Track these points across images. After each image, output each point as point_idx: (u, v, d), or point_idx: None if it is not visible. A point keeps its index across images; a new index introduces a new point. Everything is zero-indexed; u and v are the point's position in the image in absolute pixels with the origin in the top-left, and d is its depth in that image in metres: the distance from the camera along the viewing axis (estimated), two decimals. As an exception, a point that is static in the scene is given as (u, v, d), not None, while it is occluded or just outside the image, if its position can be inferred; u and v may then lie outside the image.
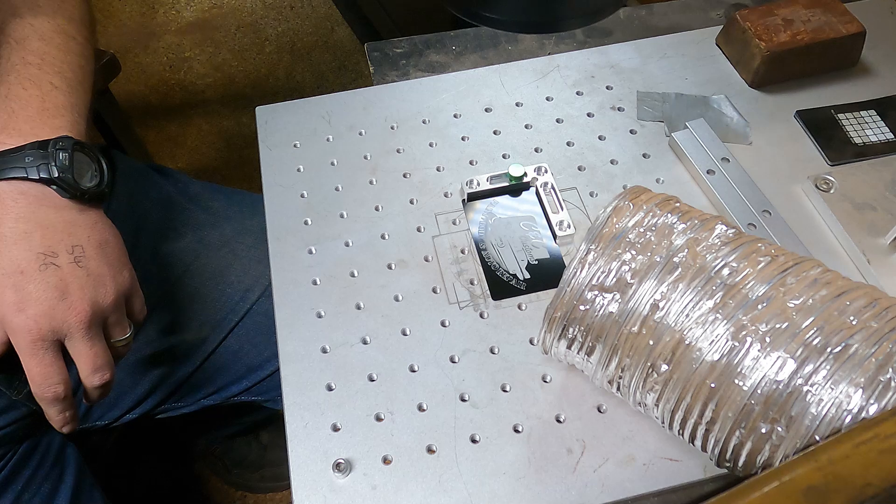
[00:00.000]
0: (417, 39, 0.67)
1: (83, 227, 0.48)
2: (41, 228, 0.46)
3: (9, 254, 0.45)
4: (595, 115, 0.60)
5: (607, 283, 0.37)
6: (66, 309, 0.44)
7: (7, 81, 0.49)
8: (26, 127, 0.48)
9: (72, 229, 0.47)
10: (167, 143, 1.54)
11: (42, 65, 0.51)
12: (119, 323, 0.48)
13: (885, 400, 0.31)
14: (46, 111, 0.49)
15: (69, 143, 0.48)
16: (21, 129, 0.48)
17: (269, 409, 0.72)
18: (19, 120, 0.48)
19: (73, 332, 0.45)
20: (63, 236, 0.46)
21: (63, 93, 0.51)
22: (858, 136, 0.57)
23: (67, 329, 0.45)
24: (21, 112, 0.49)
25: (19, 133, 0.48)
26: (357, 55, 1.67)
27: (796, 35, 0.59)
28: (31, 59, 0.50)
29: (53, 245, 0.46)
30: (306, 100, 0.61)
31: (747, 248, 0.37)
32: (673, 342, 0.36)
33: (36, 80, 0.50)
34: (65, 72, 0.51)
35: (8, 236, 0.45)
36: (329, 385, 0.46)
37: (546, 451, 0.43)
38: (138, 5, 1.76)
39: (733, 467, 0.36)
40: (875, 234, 0.51)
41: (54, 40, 0.52)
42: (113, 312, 0.47)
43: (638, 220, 0.38)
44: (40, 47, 0.51)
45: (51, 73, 0.51)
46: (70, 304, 0.45)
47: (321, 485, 0.42)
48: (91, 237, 0.48)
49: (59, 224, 0.47)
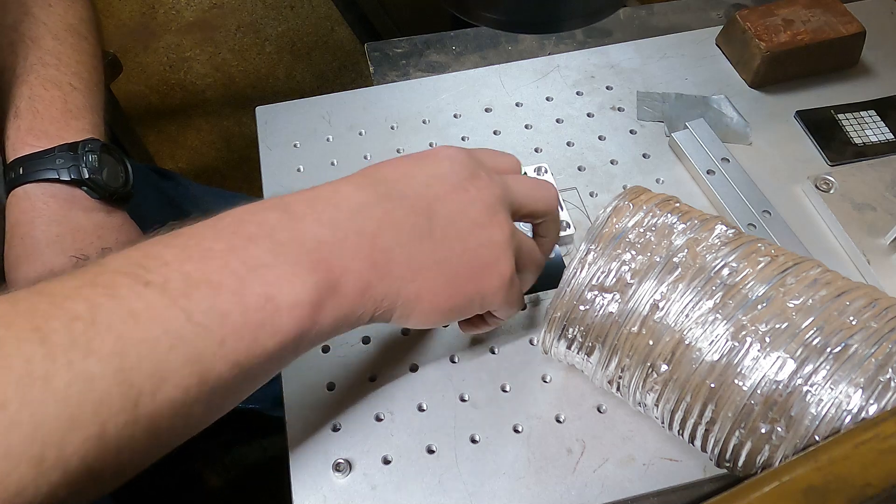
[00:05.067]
0: (417, 39, 0.67)
1: (111, 230, 0.48)
2: (73, 231, 0.46)
3: (41, 257, 0.45)
4: (595, 115, 0.60)
5: (607, 283, 0.37)
6: None
7: (28, 81, 0.49)
8: (52, 128, 0.48)
9: (101, 232, 0.47)
10: (167, 143, 1.54)
11: (59, 65, 0.51)
12: None
13: (885, 400, 0.31)
14: (69, 112, 0.49)
15: (97, 145, 0.48)
16: (47, 130, 0.48)
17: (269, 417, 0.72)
18: (44, 121, 0.48)
19: None
20: (93, 239, 0.46)
21: (82, 94, 0.51)
22: (858, 136, 0.57)
23: None
24: (45, 113, 0.49)
25: (45, 135, 0.48)
26: (357, 55, 1.67)
27: (796, 35, 0.59)
28: (48, 60, 0.50)
29: (84, 248, 0.46)
30: (306, 100, 0.61)
31: (747, 248, 0.37)
32: (673, 342, 0.36)
33: (56, 80, 0.50)
34: (81, 72, 0.51)
35: (41, 239, 0.45)
36: (329, 385, 0.46)
37: (546, 451, 0.43)
38: (138, 5, 1.76)
39: (733, 467, 0.36)
40: (875, 234, 0.51)
41: (68, 40, 0.52)
42: None
43: (638, 220, 0.38)
44: (55, 47, 0.51)
45: (68, 73, 0.51)
46: None
47: (321, 485, 0.42)
48: (119, 239, 0.48)
49: (90, 227, 0.47)
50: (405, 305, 0.35)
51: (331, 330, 0.33)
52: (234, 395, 0.32)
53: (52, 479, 0.25)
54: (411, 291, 0.35)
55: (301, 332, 0.31)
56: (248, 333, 0.30)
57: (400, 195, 0.35)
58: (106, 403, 0.26)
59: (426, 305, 0.35)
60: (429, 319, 0.36)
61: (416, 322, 0.36)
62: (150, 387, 0.27)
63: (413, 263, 0.35)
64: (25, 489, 0.24)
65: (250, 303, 0.30)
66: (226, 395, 0.31)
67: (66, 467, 0.25)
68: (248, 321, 0.30)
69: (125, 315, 0.28)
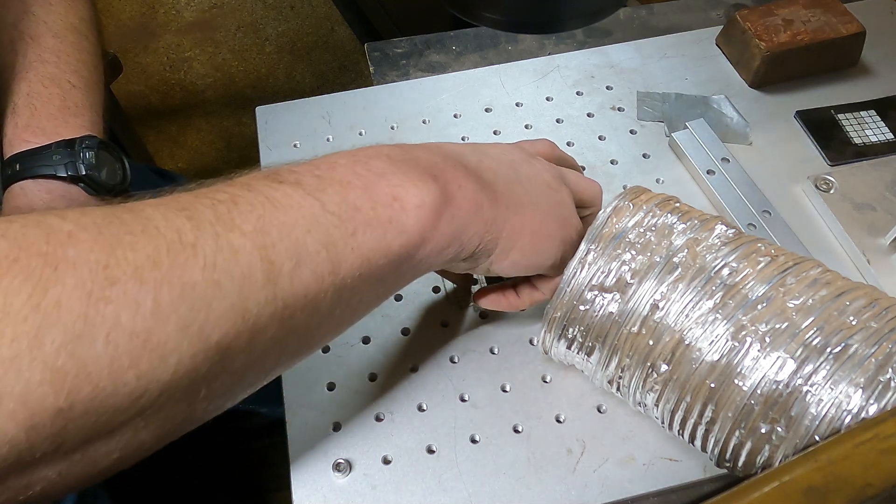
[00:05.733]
0: (417, 39, 0.67)
1: None
2: None
3: None
4: (595, 115, 0.60)
5: (607, 283, 0.37)
6: None
7: (27, 78, 0.49)
8: (49, 125, 0.48)
9: None
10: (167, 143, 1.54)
11: (59, 63, 0.51)
12: None
13: (885, 400, 0.31)
14: (68, 109, 0.49)
15: (94, 141, 0.48)
16: (44, 127, 0.48)
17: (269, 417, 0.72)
18: (42, 118, 0.48)
19: None
20: None
21: (81, 92, 0.51)
22: (858, 136, 0.57)
23: None
24: (43, 110, 0.49)
25: (43, 132, 0.48)
26: (357, 55, 1.67)
27: (796, 35, 0.59)
28: (48, 57, 0.50)
29: None
30: (306, 100, 0.61)
31: (747, 248, 0.37)
32: (673, 342, 0.36)
33: (55, 78, 0.50)
34: (80, 70, 0.51)
35: None
36: (329, 385, 0.46)
37: (546, 451, 0.43)
38: (138, 5, 1.76)
39: (733, 467, 0.36)
40: (875, 234, 0.51)
41: (68, 38, 0.52)
42: None
43: (638, 220, 0.38)
44: (55, 45, 0.51)
45: (67, 71, 0.51)
46: None
47: (321, 485, 0.42)
48: None
49: None
50: (509, 238, 0.36)
51: (444, 245, 0.34)
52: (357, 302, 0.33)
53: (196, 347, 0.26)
54: (516, 223, 0.36)
55: (422, 237, 0.32)
56: (377, 227, 0.31)
57: (485, 154, 0.38)
58: (249, 277, 0.27)
59: (527, 241, 0.37)
60: (525, 258, 0.38)
61: (515, 259, 0.37)
62: (288, 267, 0.28)
63: (514, 198, 0.37)
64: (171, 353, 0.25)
65: (379, 199, 0.32)
66: (350, 300, 0.32)
67: (207, 338, 0.26)
68: (378, 216, 0.31)
69: (264, 200, 0.29)
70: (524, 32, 0.65)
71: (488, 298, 0.44)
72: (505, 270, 0.38)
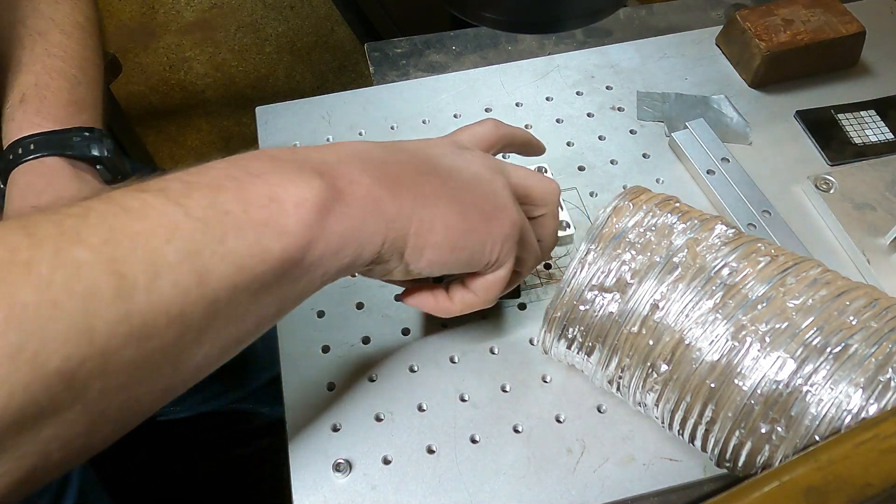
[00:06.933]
0: (417, 39, 0.67)
1: None
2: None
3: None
4: (595, 115, 0.60)
5: (607, 283, 0.37)
6: None
7: (34, 71, 0.49)
8: (62, 114, 0.49)
9: None
10: (167, 143, 1.54)
11: (65, 58, 0.51)
12: None
13: (885, 400, 0.31)
14: (75, 104, 0.50)
15: (107, 134, 0.49)
16: (57, 115, 0.48)
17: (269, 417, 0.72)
18: (53, 107, 0.49)
19: None
20: None
21: (85, 87, 0.51)
22: (858, 136, 0.57)
23: None
24: (53, 99, 0.49)
25: (56, 119, 0.48)
26: (357, 55, 1.67)
27: (796, 35, 0.59)
28: (55, 52, 0.51)
29: None
30: (306, 100, 0.61)
31: (747, 248, 0.37)
32: (673, 342, 0.36)
33: (62, 71, 0.50)
34: (86, 68, 0.52)
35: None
36: (329, 385, 0.46)
37: (546, 451, 0.43)
38: (138, 5, 1.76)
39: (733, 467, 0.36)
40: (875, 234, 0.51)
41: (74, 34, 0.53)
42: None
43: (638, 220, 0.38)
44: (62, 41, 0.52)
45: (74, 67, 0.51)
46: None
47: (321, 485, 0.42)
48: None
49: None
50: (418, 234, 0.33)
51: (338, 246, 0.31)
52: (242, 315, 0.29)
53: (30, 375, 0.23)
54: (425, 217, 0.33)
55: (308, 238, 0.30)
56: (250, 231, 0.28)
57: (399, 149, 0.35)
58: (94, 293, 0.24)
59: (440, 237, 0.34)
60: (443, 255, 0.34)
61: (431, 258, 0.34)
62: (144, 280, 0.25)
63: (424, 190, 0.34)
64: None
65: (253, 200, 0.29)
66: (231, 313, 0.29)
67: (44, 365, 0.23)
68: (251, 218, 0.28)
69: (118, 210, 0.26)
70: (524, 32, 0.65)
71: (415, 297, 0.41)
72: (426, 271, 0.35)
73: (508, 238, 0.36)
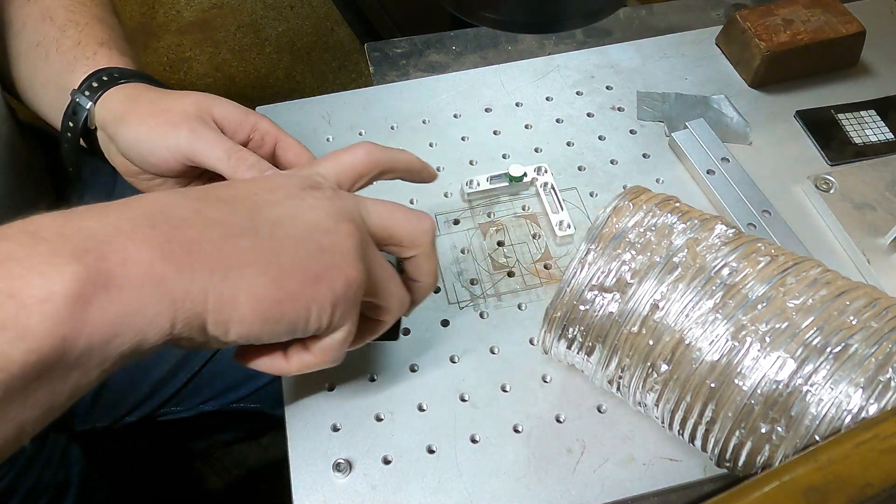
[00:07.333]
0: (417, 39, 0.67)
1: None
2: None
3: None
4: (595, 115, 0.60)
5: (607, 283, 0.37)
6: None
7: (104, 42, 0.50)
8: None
9: None
10: (167, 143, 1.54)
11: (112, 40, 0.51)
12: None
13: (885, 400, 0.31)
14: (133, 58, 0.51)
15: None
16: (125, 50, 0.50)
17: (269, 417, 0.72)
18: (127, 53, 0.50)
19: None
20: None
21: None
22: (858, 136, 0.57)
23: None
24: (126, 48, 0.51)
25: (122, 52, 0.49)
26: (357, 55, 1.67)
27: (796, 35, 0.59)
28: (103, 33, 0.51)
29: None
30: (306, 100, 0.61)
31: (747, 248, 0.37)
32: (673, 342, 0.36)
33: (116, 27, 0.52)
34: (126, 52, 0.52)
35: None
36: (329, 385, 0.46)
37: (546, 451, 0.43)
38: (138, 5, 1.76)
39: (733, 467, 0.36)
40: (875, 234, 0.51)
41: (109, 21, 0.53)
42: None
43: (638, 220, 0.38)
44: (110, 25, 0.52)
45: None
46: None
47: (321, 485, 0.42)
48: None
49: None
50: (219, 310, 0.29)
51: (110, 335, 0.27)
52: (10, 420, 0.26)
53: None
54: (225, 292, 0.29)
55: (62, 335, 0.25)
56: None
57: (218, 198, 0.31)
58: None
59: (245, 311, 0.30)
60: (252, 330, 0.30)
61: (239, 333, 0.30)
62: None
63: (226, 259, 0.29)
64: None
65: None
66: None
67: None
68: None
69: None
70: (524, 32, 0.65)
71: (253, 361, 0.37)
72: (242, 342, 0.31)
73: (341, 300, 0.32)
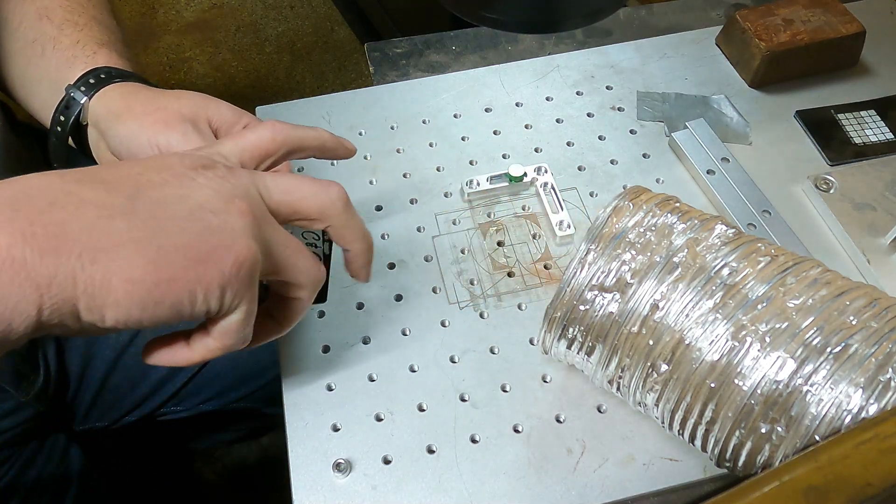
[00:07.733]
0: (417, 39, 0.67)
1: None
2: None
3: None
4: (595, 115, 0.60)
5: (607, 283, 0.37)
6: None
7: (103, 42, 0.51)
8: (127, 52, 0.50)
9: None
10: (167, 143, 1.54)
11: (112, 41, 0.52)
12: None
13: (885, 400, 0.31)
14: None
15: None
16: (123, 53, 0.50)
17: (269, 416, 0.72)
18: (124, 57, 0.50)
19: None
20: None
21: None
22: (858, 136, 0.57)
23: None
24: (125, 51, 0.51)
25: (121, 55, 0.49)
26: (357, 55, 1.67)
27: (796, 35, 0.59)
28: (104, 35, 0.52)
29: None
30: (306, 100, 0.61)
31: (747, 248, 0.37)
32: (673, 342, 0.36)
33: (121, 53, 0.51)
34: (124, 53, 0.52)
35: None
36: (329, 385, 0.46)
37: (546, 451, 0.43)
38: (138, 5, 1.76)
39: (733, 467, 0.36)
40: (875, 234, 0.51)
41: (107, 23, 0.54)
42: None
43: (638, 220, 0.38)
44: (109, 27, 0.53)
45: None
46: None
47: (321, 485, 0.42)
48: None
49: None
50: (90, 294, 0.27)
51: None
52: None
53: None
54: (96, 276, 0.27)
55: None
56: None
57: (97, 179, 0.30)
58: None
59: (120, 295, 0.28)
60: (131, 314, 0.28)
61: (116, 318, 0.28)
62: None
63: (97, 241, 0.28)
64: None
65: None
66: None
67: None
68: None
69: None
70: (524, 32, 0.65)
71: (155, 355, 0.35)
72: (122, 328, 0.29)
73: (232, 281, 0.30)
